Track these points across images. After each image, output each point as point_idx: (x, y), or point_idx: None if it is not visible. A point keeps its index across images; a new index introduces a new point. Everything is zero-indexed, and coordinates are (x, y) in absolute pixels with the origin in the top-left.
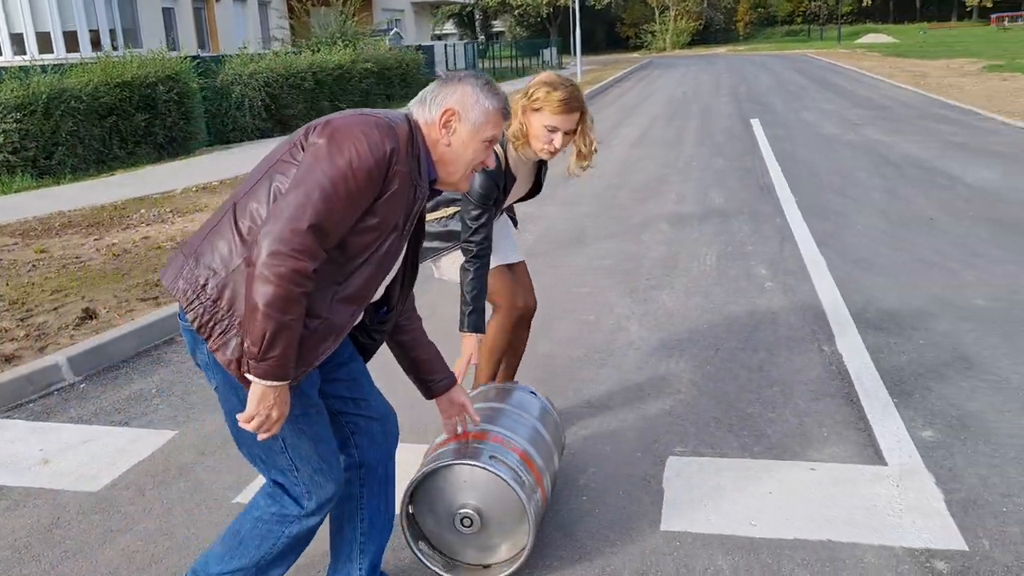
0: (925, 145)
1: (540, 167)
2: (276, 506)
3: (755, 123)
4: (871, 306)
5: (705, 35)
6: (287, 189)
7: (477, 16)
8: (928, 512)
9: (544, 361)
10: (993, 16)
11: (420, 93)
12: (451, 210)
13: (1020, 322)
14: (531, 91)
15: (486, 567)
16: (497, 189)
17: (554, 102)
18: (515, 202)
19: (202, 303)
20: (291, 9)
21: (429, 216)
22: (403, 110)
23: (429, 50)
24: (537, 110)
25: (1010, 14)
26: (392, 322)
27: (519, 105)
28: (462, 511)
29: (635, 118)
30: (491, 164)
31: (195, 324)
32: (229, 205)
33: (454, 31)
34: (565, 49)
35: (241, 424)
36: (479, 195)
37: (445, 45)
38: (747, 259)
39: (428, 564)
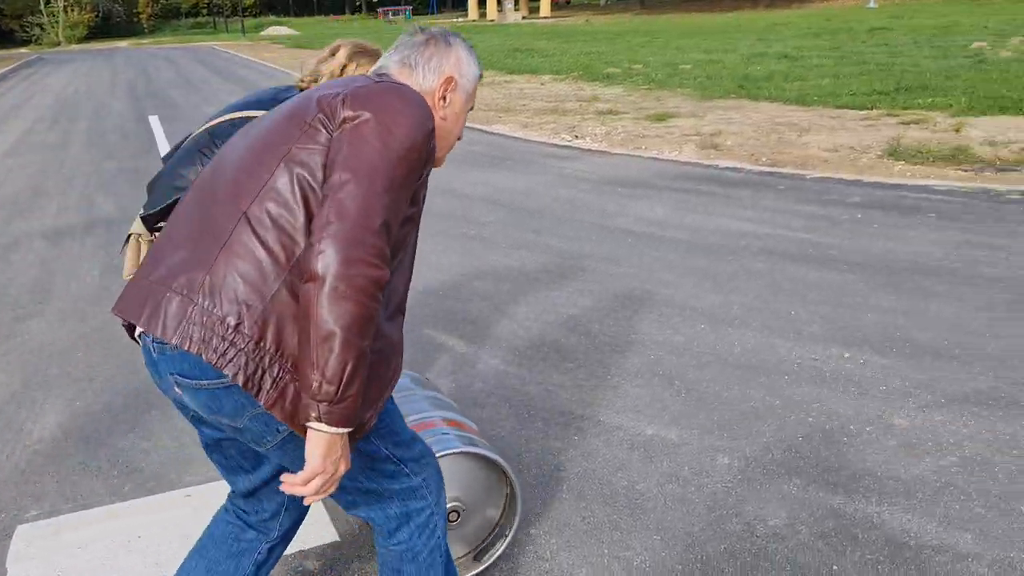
0: None
1: None
2: (412, 528)
3: (154, 120)
4: None
5: (107, 28)
6: (337, 179)
7: None
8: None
9: None
10: (380, 10)
11: (397, 54)
12: None
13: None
14: (348, 66)
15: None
16: None
17: None
18: None
19: (240, 350)
20: None
21: None
22: (376, 71)
23: None
24: None
25: (392, 8)
26: None
27: None
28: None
29: (13, 123)
30: (460, 138)
31: (239, 379)
32: (234, 215)
33: None
34: None
35: (295, 489)
36: None
37: None
38: None
39: None
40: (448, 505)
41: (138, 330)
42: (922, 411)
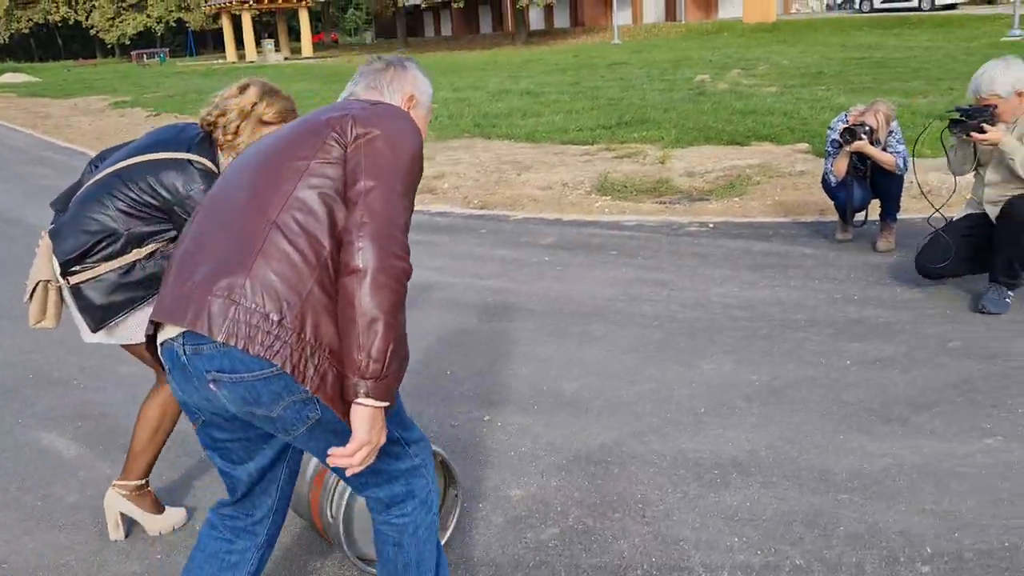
0: (12, 193)
1: None
2: (416, 503)
3: None
4: None
5: None
6: (364, 186)
7: None
8: None
9: None
10: (133, 53)
11: (362, 81)
12: (146, 249)
13: None
14: (259, 105)
15: None
16: None
17: (290, 111)
18: None
19: (286, 342)
20: None
21: (112, 264)
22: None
23: None
24: (273, 123)
25: (148, 51)
26: None
27: (247, 122)
28: None
29: None
30: None
31: (287, 368)
32: (263, 223)
33: None
34: None
35: (341, 461)
36: None
37: None
38: None
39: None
40: None
41: (161, 339)
42: (541, 476)
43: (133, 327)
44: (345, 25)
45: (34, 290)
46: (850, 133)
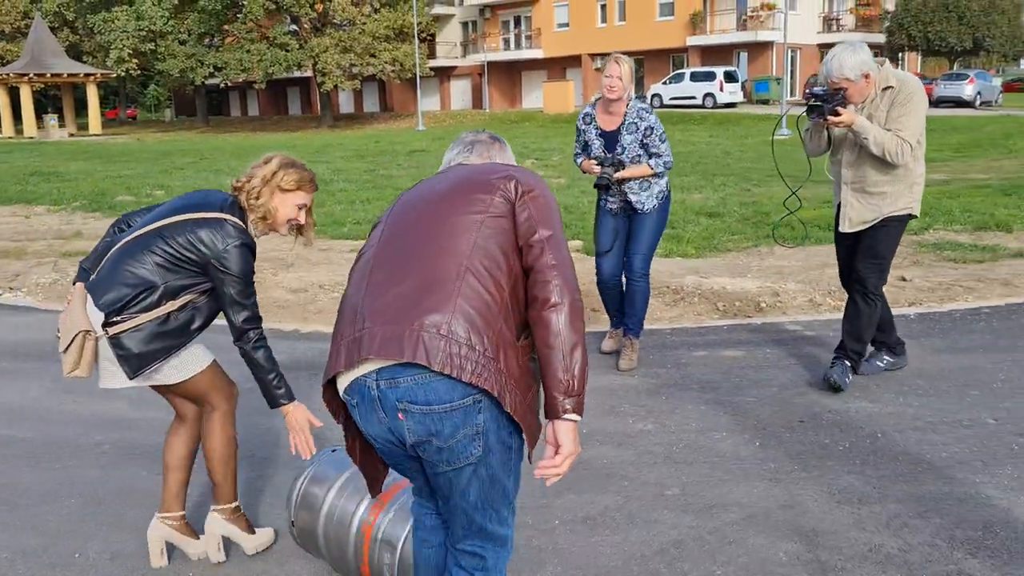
0: None
1: None
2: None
3: None
4: None
5: None
6: (542, 234)
7: None
8: None
9: None
10: None
11: (475, 151)
12: (179, 301)
13: None
14: (278, 173)
15: None
16: None
17: (307, 181)
18: None
19: (491, 371)
20: None
21: (150, 315)
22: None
23: None
24: (290, 191)
25: None
26: None
27: (267, 188)
28: None
29: None
30: None
31: (494, 391)
32: (456, 268)
33: None
34: None
35: (549, 471)
36: (249, 273)
37: None
38: None
39: None
40: None
41: (349, 379)
42: None
43: (169, 371)
44: (145, 101)
45: (72, 340)
46: (603, 188)
